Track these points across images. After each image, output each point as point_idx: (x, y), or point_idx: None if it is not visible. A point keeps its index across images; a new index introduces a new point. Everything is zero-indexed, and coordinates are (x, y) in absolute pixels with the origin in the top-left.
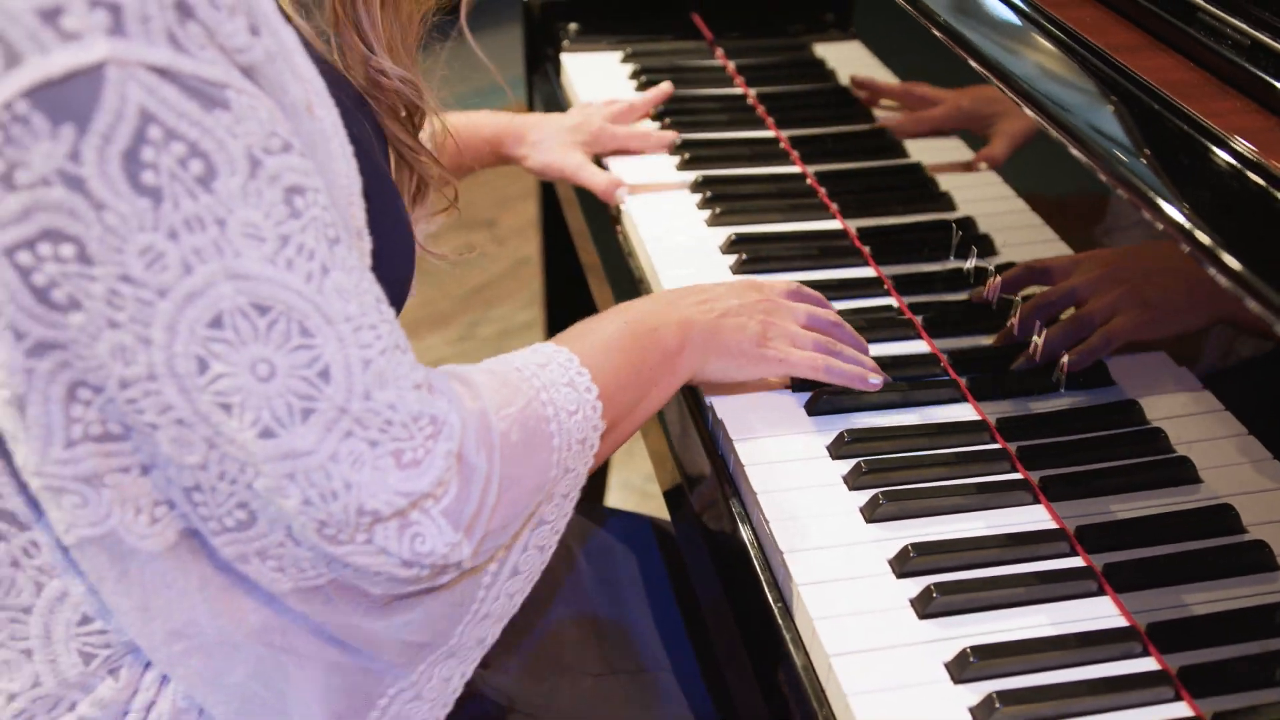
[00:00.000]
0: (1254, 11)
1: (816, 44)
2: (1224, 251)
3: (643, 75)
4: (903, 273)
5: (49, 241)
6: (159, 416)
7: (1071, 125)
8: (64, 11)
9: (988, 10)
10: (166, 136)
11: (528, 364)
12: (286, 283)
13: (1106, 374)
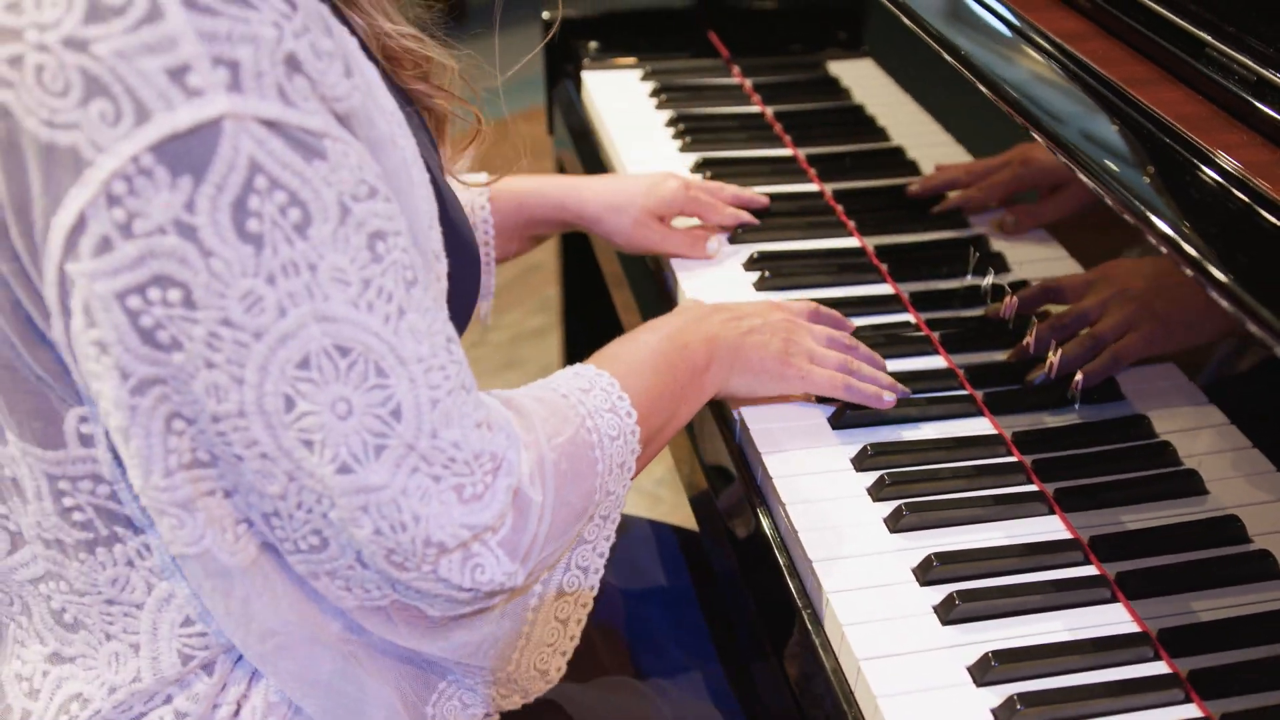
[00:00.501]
0: (1259, 48)
1: (830, 61)
2: (1218, 270)
3: (663, 93)
4: (920, 289)
5: (158, 287)
6: (245, 450)
7: (1081, 153)
8: (190, 69)
9: (1003, 42)
10: (271, 186)
11: (573, 390)
12: (367, 325)
13: (1117, 389)
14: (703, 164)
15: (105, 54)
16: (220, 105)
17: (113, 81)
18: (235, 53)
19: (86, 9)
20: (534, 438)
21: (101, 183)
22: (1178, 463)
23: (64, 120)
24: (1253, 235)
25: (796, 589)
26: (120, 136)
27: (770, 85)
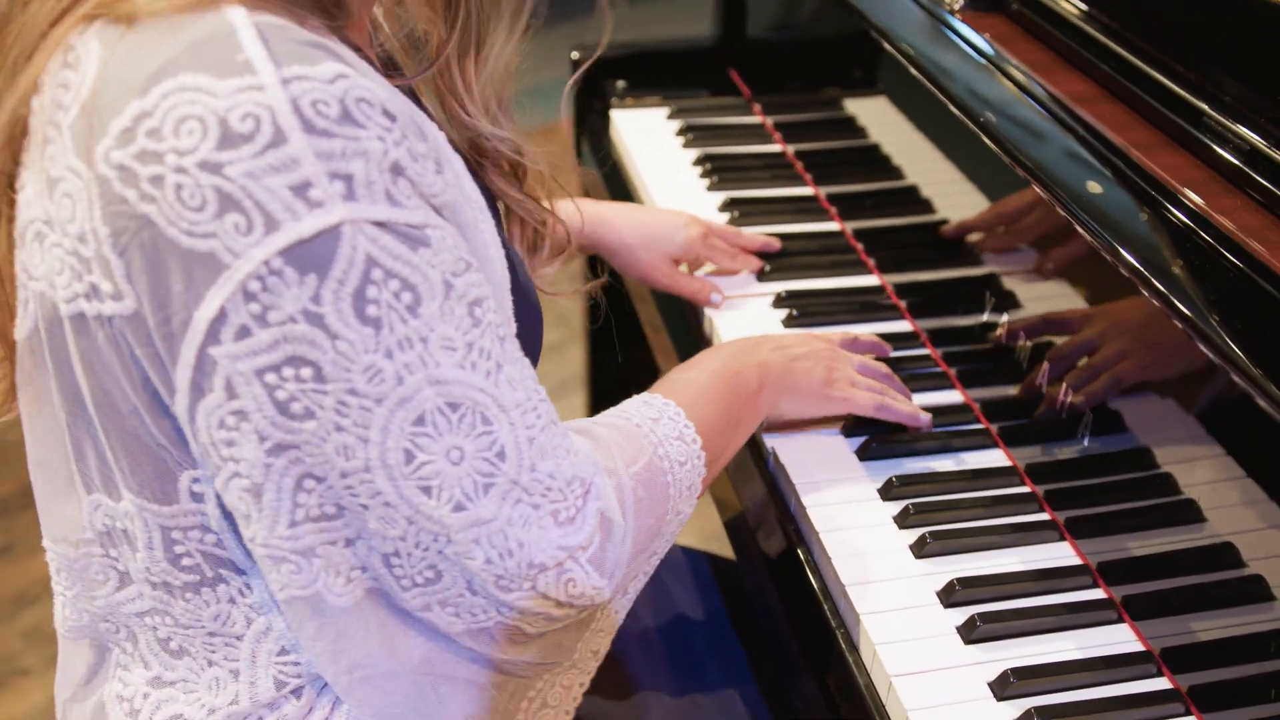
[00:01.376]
0: (1254, 119)
1: (846, 99)
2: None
3: (689, 132)
4: (937, 326)
5: (292, 366)
6: (370, 500)
7: (1088, 214)
8: (311, 185)
9: (1017, 103)
10: (386, 276)
11: (644, 419)
12: (472, 382)
13: (1122, 423)
14: (730, 203)
15: (236, 175)
16: (338, 213)
17: (244, 198)
18: (349, 167)
19: (219, 136)
20: (613, 465)
21: (238, 283)
22: (1178, 492)
23: (202, 230)
24: (1247, 295)
25: (830, 611)
26: (253, 244)
27: (790, 124)
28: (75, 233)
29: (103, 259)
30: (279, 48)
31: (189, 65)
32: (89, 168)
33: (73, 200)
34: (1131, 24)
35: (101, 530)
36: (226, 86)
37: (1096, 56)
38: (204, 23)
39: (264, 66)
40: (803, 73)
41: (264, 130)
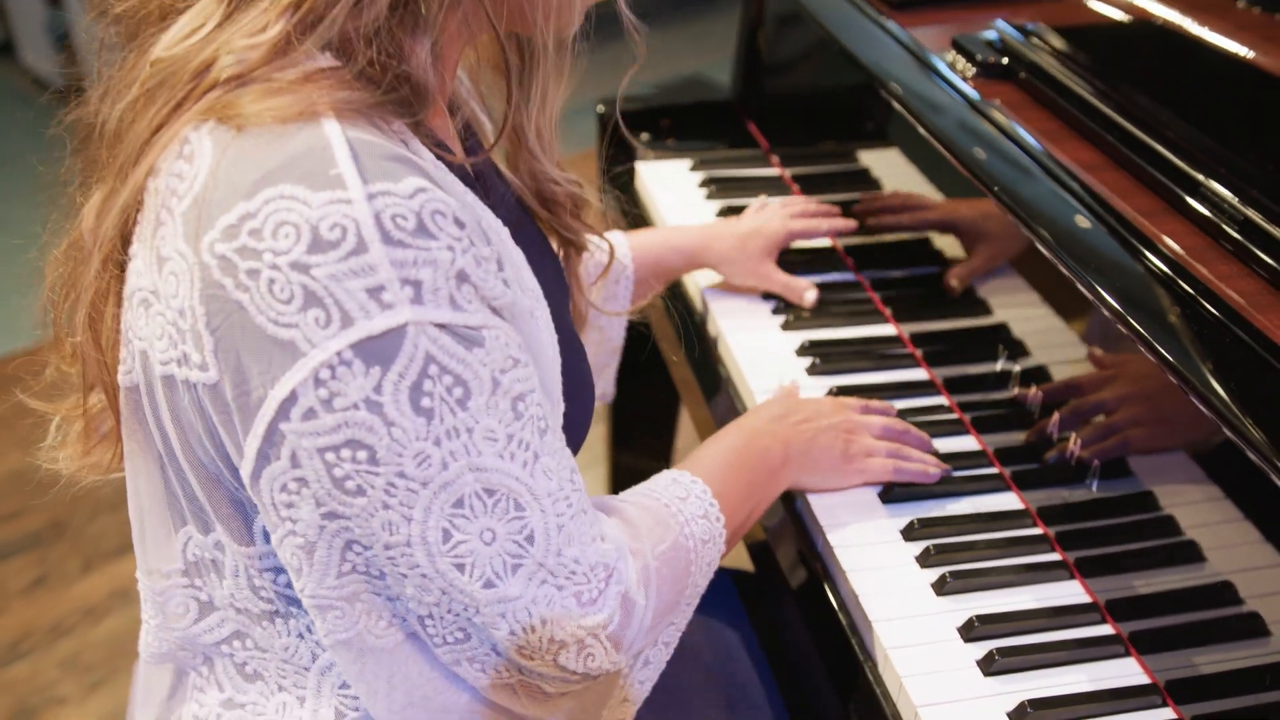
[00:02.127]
0: (1246, 189)
1: (860, 150)
2: (1208, 390)
3: (712, 184)
4: (951, 374)
5: (350, 448)
6: (409, 570)
7: (1092, 276)
8: (384, 289)
9: (1027, 170)
10: (441, 371)
11: (673, 499)
12: (509, 471)
13: (1127, 468)
14: None
15: (322, 276)
16: (405, 315)
17: (326, 296)
18: (419, 274)
19: (310, 241)
20: (640, 546)
21: (312, 369)
22: (1179, 534)
23: (286, 321)
24: (1239, 354)
25: (857, 644)
26: (329, 336)
27: (807, 176)
28: (177, 306)
29: (196, 333)
30: (367, 164)
31: (289, 176)
32: (195, 253)
33: (177, 278)
34: (1133, 96)
35: (191, 561)
36: (320, 198)
37: (1101, 126)
38: (303, 135)
39: (353, 182)
40: (818, 125)
41: (349, 239)
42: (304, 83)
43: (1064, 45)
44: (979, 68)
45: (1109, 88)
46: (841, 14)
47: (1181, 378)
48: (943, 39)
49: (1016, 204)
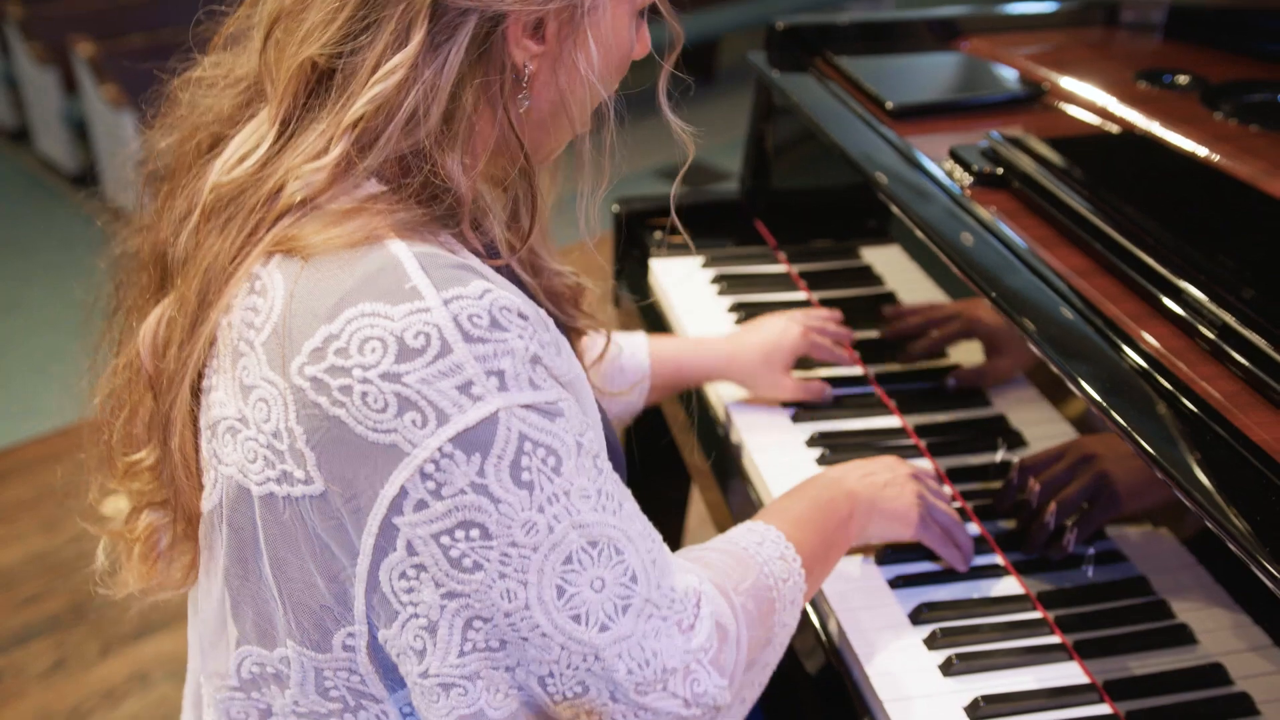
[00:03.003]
0: (1224, 296)
1: (863, 248)
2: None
3: (723, 281)
4: (954, 465)
5: (463, 529)
6: (530, 632)
7: (1082, 376)
8: (473, 383)
9: (1019, 274)
10: (534, 446)
11: (750, 543)
12: (605, 521)
13: (1121, 554)
14: None
15: (413, 382)
16: (495, 403)
17: (419, 399)
18: (500, 365)
19: (398, 352)
20: (724, 584)
21: (417, 466)
22: (1172, 616)
23: (385, 427)
24: (1219, 451)
25: None
26: (428, 435)
27: (813, 273)
28: (270, 430)
29: (296, 451)
30: (437, 274)
31: (367, 295)
32: (284, 379)
33: (268, 404)
34: (1119, 205)
35: (247, 678)
36: (400, 311)
37: (1089, 234)
38: (373, 256)
39: (429, 292)
40: (822, 224)
41: (433, 344)
42: (359, 210)
43: (1053, 155)
44: (975, 177)
45: (1096, 196)
46: (844, 123)
47: (1165, 472)
48: (940, 147)
49: (1010, 305)
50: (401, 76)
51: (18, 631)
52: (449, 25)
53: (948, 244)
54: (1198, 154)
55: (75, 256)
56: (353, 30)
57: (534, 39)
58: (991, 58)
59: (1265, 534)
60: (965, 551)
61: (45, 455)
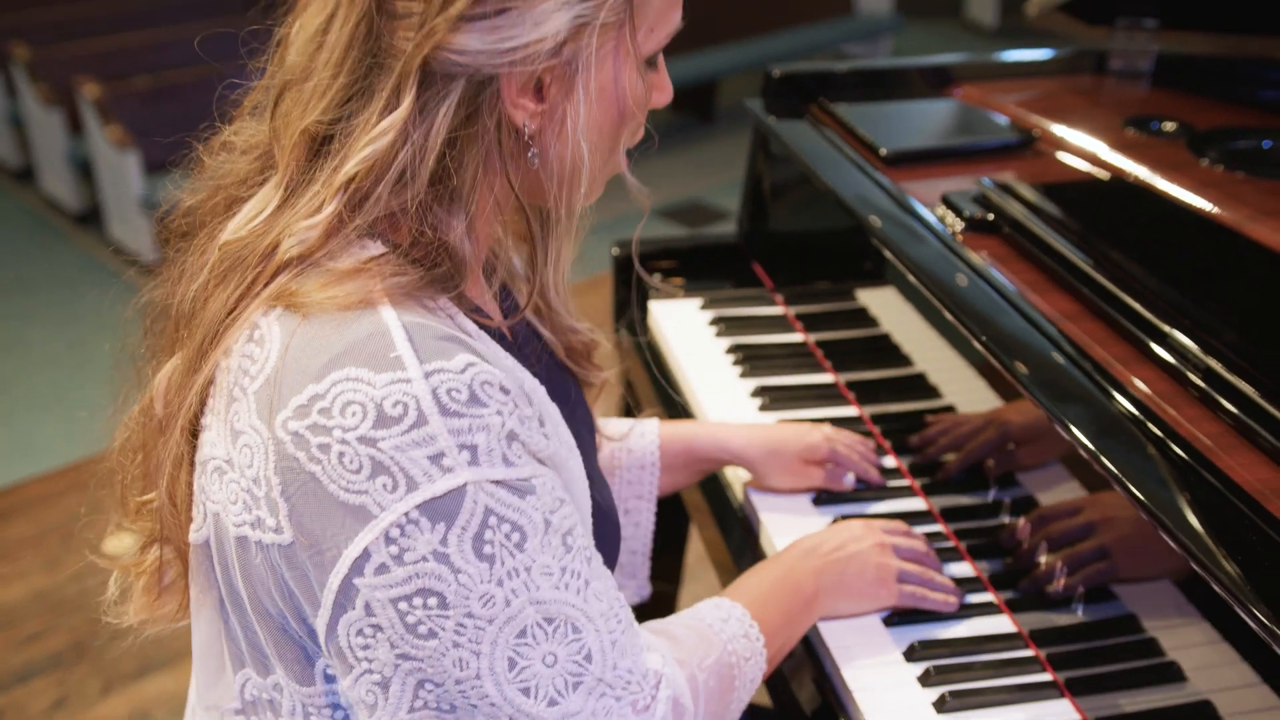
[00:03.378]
0: (1209, 341)
1: (858, 289)
2: (1181, 527)
3: (721, 323)
4: (948, 504)
5: (421, 596)
6: (479, 700)
7: (1070, 419)
8: (444, 455)
9: (1010, 317)
10: (500, 521)
11: (715, 620)
12: (566, 599)
13: (1112, 593)
14: (760, 390)
15: (388, 448)
16: (465, 476)
17: (392, 464)
18: (474, 440)
19: (376, 418)
20: (686, 658)
21: (382, 530)
22: (1162, 654)
23: (357, 488)
24: (1204, 493)
25: None
26: (396, 500)
27: (809, 315)
28: (251, 475)
29: (271, 500)
30: (421, 345)
31: (354, 360)
32: (269, 429)
33: (252, 450)
34: (1106, 250)
35: (249, 700)
36: (382, 379)
37: (1077, 279)
38: (364, 322)
39: (411, 362)
40: (818, 266)
41: (410, 414)
42: (358, 272)
43: (1043, 202)
44: (966, 222)
45: (1084, 242)
46: (839, 169)
47: (1152, 514)
48: (933, 193)
49: (1001, 349)
50: (392, 138)
51: (19, 670)
52: (439, 89)
53: (940, 287)
54: (1184, 200)
55: (77, 295)
56: (348, 97)
57: (533, 98)
58: (983, 104)
59: (1252, 577)
60: (947, 595)
61: (47, 493)
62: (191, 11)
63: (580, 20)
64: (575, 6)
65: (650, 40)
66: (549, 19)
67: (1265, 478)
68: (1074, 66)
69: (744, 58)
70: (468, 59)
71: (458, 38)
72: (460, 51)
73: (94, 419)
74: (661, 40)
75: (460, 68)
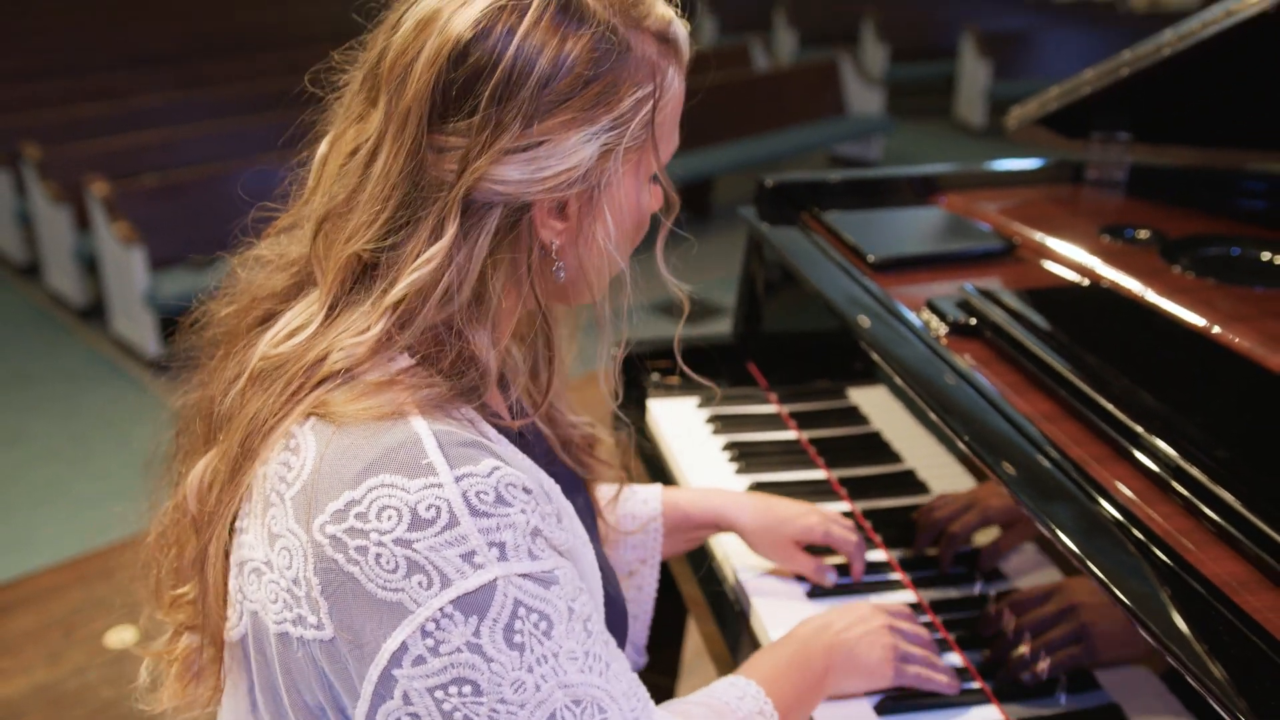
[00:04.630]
0: (1179, 440)
1: (850, 388)
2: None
3: (717, 421)
4: (937, 597)
5: (456, 685)
6: None
7: (1051, 518)
8: (476, 553)
9: (992, 420)
10: (528, 611)
11: (731, 697)
12: (590, 681)
13: (1095, 682)
14: (756, 486)
15: (422, 549)
16: (495, 572)
17: (426, 564)
18: (502, 537)
19: (410, 521)
20: None
21: (419, 624)
22: None
23: (393, 586)
24: (1178, 588)
25: None
26: (431, 596)
27: (802, 413)
28: (290, 576)
29: (312, 600)
30: (451, 451)
31: (388, 467)
32: (307, 533)
33: (290, 553)
34: (1082, 355)
35: None
36: (416, 484)
37: (1056, 382)
38: (396, 431)
39: (442, 469)
40: (810, 366)
41: (442, 516)
42: (389, 385)
43: (1023, 307)
44: (951, 326)
45: (1062, 347)
46: (829, 274)
47: (1129, 610)
48: (918, 298)
49: (984, 447)
50: (438, 264)
51: None
52: (479, 216)
53: (926, 388)
54: (1158, 305)
55: (78, 388)
56: (394, 228)
57: (559, 218)
58: (967, 212)
59: (1236, 678)
60: (950, 678)
61: (50, 587)
62: (198, 112)
63: (606, 147)
64: (603, 136)
65: (660, 159)
66: (580, 149)
67: (1233, 570)
68: (1053, 176)
69: (739, 157)
70: (507, 188)
71: (498, 169)
72: (501, 181)
73: (95, 513)
74: (668, 156)
75: (500, 196)
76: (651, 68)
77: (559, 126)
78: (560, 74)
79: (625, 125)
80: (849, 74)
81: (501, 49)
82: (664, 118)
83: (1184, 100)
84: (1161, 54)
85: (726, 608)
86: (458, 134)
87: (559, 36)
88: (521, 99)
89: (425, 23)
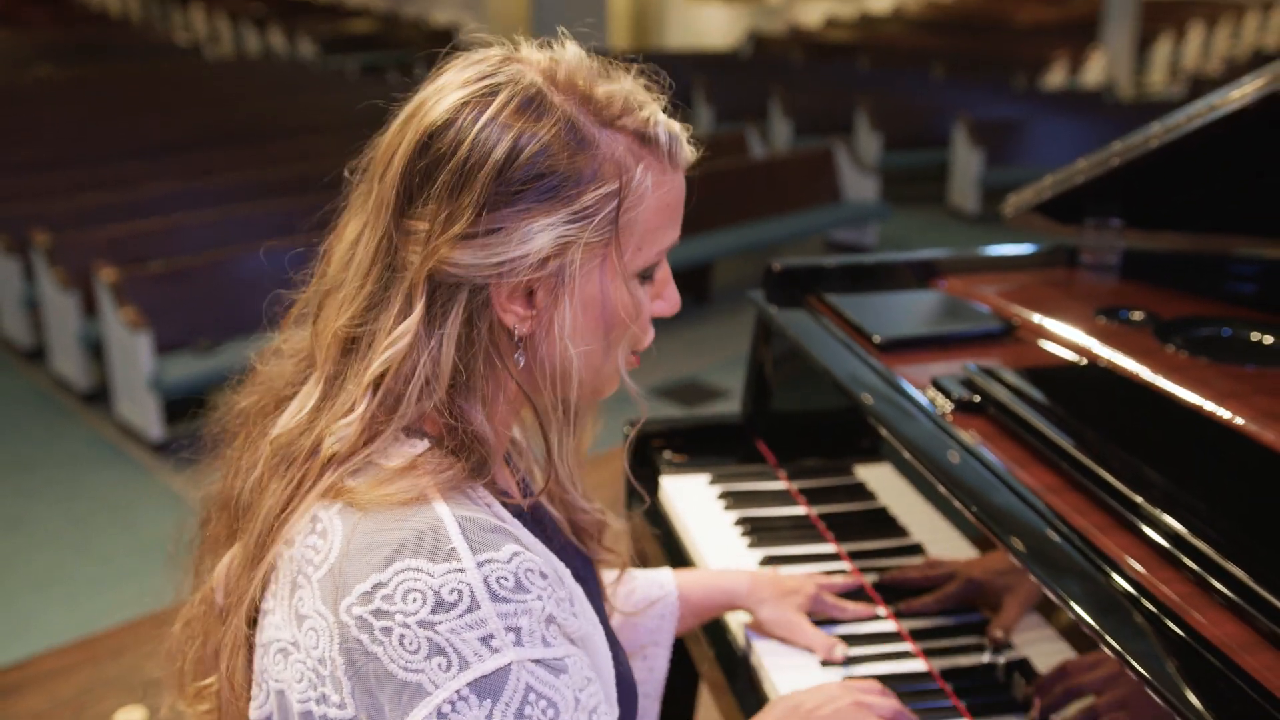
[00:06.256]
0: (1177, 511)
1: (857, 465)
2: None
3: (729, 497)
4: (947, 666)
5: None
6: None
7: (1060, 583)
8: (494, 637)
9: (996, 489)
10: (538, 697)
11: None
12: None
13: None
14: (767, 560)
15: (444, 631)
16: (510, 656)
17: (447, 646)
18: (519, 622)
19: (434, 604)
20: None
21: (435, 705)
22: None
23: (415, 667)
24: (1186, 655)
25: None
26: (449, 678)
27: (811, 490)
28: (316, 656)
29: (336, 679)
30: (474, 537)
31: (414, 552)
32: (333, 614)
33: (317, 634)
34: (1083, 430)
35: None
36: (440, 569)
37: (1059, 456)
38: (420, 516)
39: (465, 554)
40: (818, 443)
41: (464, 600)
42: (409, 470)
43: (1024, 385)
44: (955, 404)
45: (1063, 422)
46: (835, 354)
47: (1137, 674)
48: (922, 376)
49: (993, 520)
50: (409, 340)
51: None
52: (447, 296)
53: (933, 463)
54: (1153, 383)
55: (79, 473)
56: (371, 304)
57: (523, 304)
58: (966, 295)
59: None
60: None
61: (57, 668)
62: (204, 199)
63: (564, 239)
64: (559, 227)
65: (639, 257)
66: (534, 238)
67: (1231, 633)
68: (1049, 260)
69: (738, 242)
70: (462, 271)
71: (454, 254)
72: (456, 265)
73: (97, 598)
74: (651, 257)
75: (458, 278)
76: (618, 166)
77: (513, 215)
78: (515, 164)
79: (587, 220)
80: (844, 162)
81: (460, 138)
82: (634, 217)
83: (1173, 188)
84: (1150, 145)
85: (740, 676)
86: (422, 218)
87: (517, 129)
88: (475, 187)
89: (410, 114)
